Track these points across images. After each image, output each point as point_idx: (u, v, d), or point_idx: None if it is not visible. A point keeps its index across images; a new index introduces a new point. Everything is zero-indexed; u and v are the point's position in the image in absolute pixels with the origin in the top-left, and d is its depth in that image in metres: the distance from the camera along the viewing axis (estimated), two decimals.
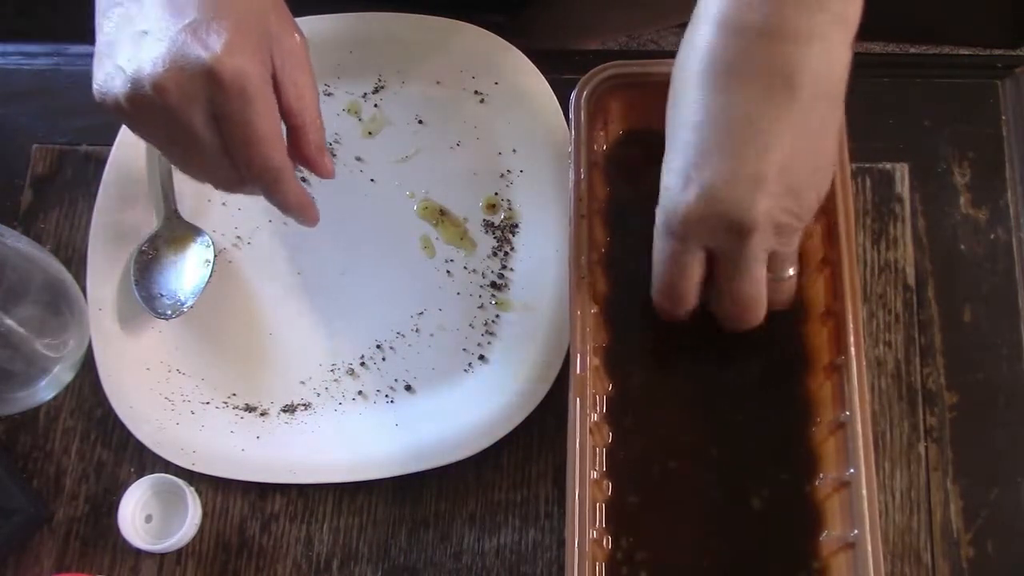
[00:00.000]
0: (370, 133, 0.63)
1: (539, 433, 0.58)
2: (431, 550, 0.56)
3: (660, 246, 0.48)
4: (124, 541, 0.56)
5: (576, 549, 0.47)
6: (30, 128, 0.65)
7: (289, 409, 0.58)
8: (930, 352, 0.58)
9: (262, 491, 0.58)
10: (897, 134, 0.62)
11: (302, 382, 0.59)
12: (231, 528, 0.57)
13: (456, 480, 0.57)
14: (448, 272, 0.60)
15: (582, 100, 0.55)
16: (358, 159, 0.62)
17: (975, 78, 0.63)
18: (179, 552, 0.57)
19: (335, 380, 0.59)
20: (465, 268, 0.60)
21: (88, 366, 0.59)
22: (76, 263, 0.62)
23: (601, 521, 0.50)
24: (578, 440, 0.49)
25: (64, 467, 0.59)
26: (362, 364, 0.59)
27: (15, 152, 0.65)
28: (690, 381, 0.53)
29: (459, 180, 0.62)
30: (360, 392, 0.58)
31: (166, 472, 0.57)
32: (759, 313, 0.49)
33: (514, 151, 0.61)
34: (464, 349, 0.59)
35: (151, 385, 0.59)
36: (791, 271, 0.49)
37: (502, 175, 0.61)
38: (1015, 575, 0.54)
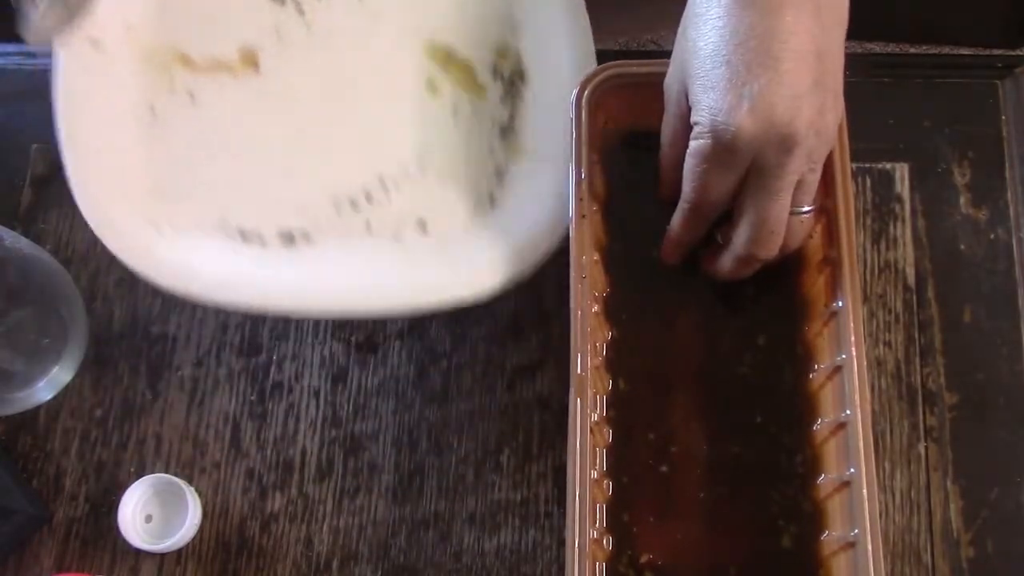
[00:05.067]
0: None
1: (539, 433, 0.58)
2: (431, 550, 0.56)
3: (699, 166, 0.47)
4: (124, 541, 0.56)
5: (576, 549, 0.47)
6: (30, 128, 0.65)
7: (287, 237, 0.56)
8: (930, 352, 0.58)
9: (262, 491, 0.58)
10: (897, 134, 0.62)
11: (300, 210, 0.56)
12: (231, 528, 0.57)
13: (456, 480, 0.57)
14: (455, 113, 0.58)
15: (582, 100, 0.55)
16: None
17: (975, 78, 0.63)
18: (179, 552, 0.57)
19: (336, 212, 0.56)
20: (473, 113, 0.58)
21: (88, 365, 0.59)
22: (76, 263, 0.62)
23: (601, 521, 0.50)
24: (578, 440, 0.49)
25: (64, 467, 0.59)
26: (365, 198, 0.57)
27: (15, 152, 0.65)
28: (692, 381, 0.53)
29: (468, 22, 0.60)
30: (365, 227, 0.56)
31: (166, 472, 0.58)
32: (775, 245, 0.49)
33: None
34: (473, 192, 0.57)
35: (132, 207, 0.56)
36: (809, 205, 0.49)
37: (512, 22, 0.59)
38: (1015, 575, 0.54)
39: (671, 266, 0.54)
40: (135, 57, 0.57)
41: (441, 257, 0.55)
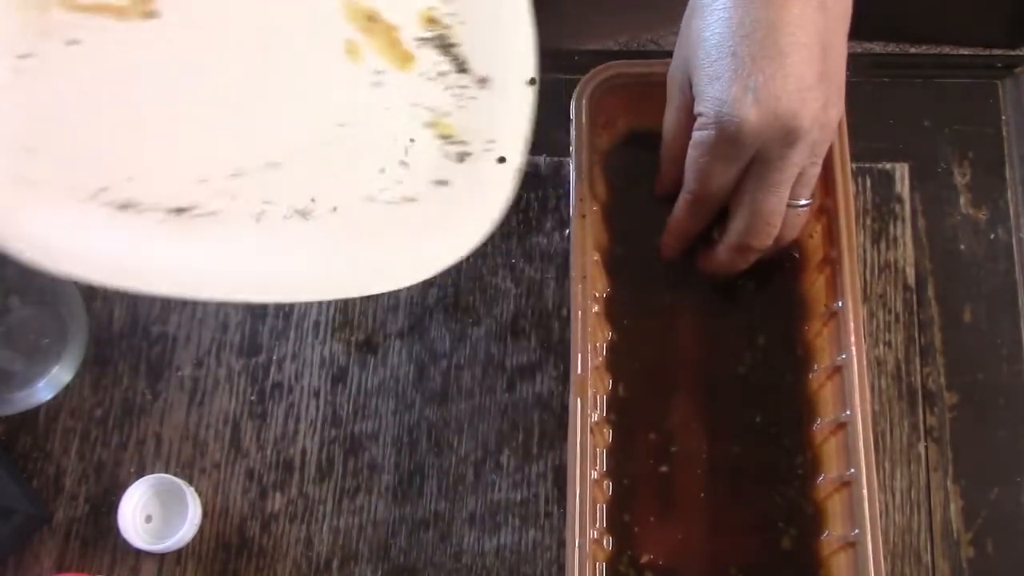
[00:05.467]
0: None
1: (539, 433, 0.58)
2: (431, 550, 0.56)
3: (702, 157, 0.47)
4: (124, 541, 0.56)
5: (576, 549, 0.47)
6: None
7: (176, 212, 0.49)
8: (930, 352, 0.58)
9: (262, 491, 0.58)
10: (897, 134, 0.62)
11: (194, 182, 0.49)
12: (231, 528, 0.57)
13: (456, 480, 0.57)
14: (377, 84, 0.53)
15: (582, 100, 0.55)
16: None
17: (975, 78, 0.63)
18: (179, 552, 0.57)
19: (237, 187, 0.50)
20: (397, 85, 0.53)
21: (88, 365, 0.59)
22: None
23: (601, 521, 0.50)
24: (578, 440, 0.49)
25: (64, 467, 0.59)
26: (269, 172, 0.51)
27: None
28: (692, 381, 0.53)
29: None
30: (267, 204, 0.50)
31: (166, 472, 0.58)
32: (770, 237, 0.49)
33: None
34: (390, 172, 0.52)
35: None
36: (806, 199, 0.50)
37: None
38: (1015, 575, 0.54)
39: (669, 260, 0.54)
40: None
41: (347, 243, 0.50)
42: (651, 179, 0.54)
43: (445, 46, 0.53)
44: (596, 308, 0.53)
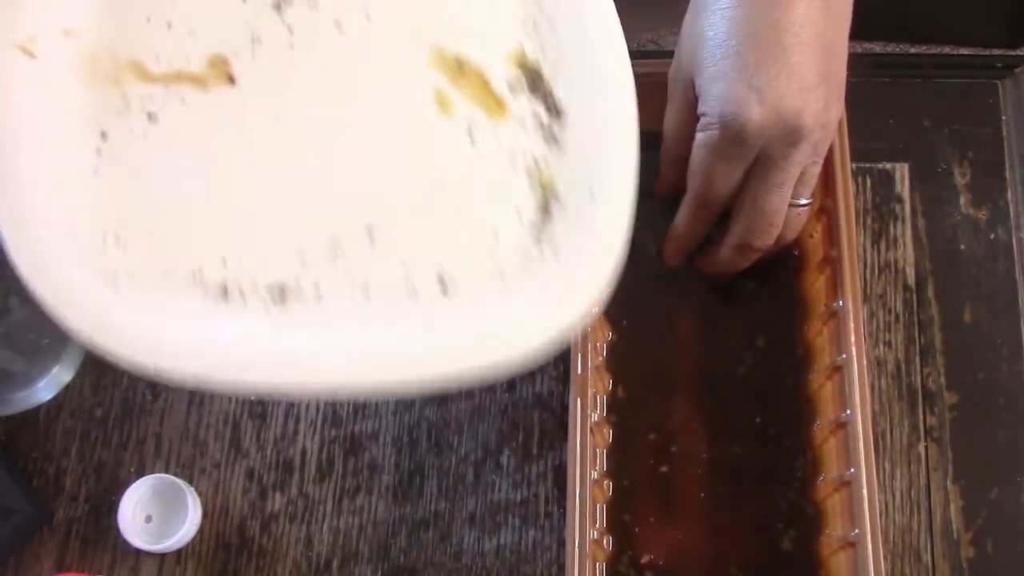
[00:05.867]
0: None
1: (539, 433, 0.58)
2: (431, 550, 0.56)
3: (706, 158, 0.47)
4: (124, 541, 0.56)
5: (576, 549, 0.47)
6: None
7: (277, 292, 0.45)
8: (930, 352, 0.58)
9: (262, 491, 0.58)
10: (897, 134, 0.62)
11: (291, 257, 0.46)
12: (231, 528, 0.57)
13: (456, 480, 0.57)
14: (470, 134, 0.48)
15: None
16: None
17: (975, 78, 0.63)
18: (179, 552, 0.57)
19: (333, 258, 0.46)
20: (493, 133, 0.48)
21: (88, 365, 0.59)
22: None
23: (601, 521, 0.50)
24: (578, 440, 0.49)
25: (64, 467, 0.59)
26: (372, 240, 0.47)
27: None
28: (692, 382, 0.53)
29: (479, 21, 0.50)
30: (369, 278, 0.46)
31: (166, 472, 0.58)
32: (771, 236, 0.49)
33: None
34: (501, 234, 0.46)
35: (80, 257, 0.45)
36: (807, 198, 0.50)
37: (533, 17, 0.49)
38: (1015, 575, 0.54)
39: (673, 266, 0.54)
40: (78, 68, 0.47)
41: (465, 315, 0.45)
42: (651, 179, 0.54)
43: (536, 86, 0.49)
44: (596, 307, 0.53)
